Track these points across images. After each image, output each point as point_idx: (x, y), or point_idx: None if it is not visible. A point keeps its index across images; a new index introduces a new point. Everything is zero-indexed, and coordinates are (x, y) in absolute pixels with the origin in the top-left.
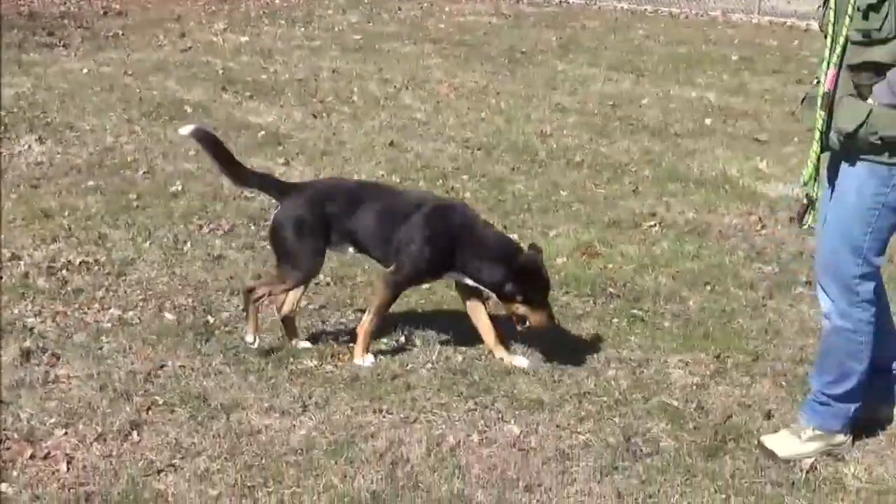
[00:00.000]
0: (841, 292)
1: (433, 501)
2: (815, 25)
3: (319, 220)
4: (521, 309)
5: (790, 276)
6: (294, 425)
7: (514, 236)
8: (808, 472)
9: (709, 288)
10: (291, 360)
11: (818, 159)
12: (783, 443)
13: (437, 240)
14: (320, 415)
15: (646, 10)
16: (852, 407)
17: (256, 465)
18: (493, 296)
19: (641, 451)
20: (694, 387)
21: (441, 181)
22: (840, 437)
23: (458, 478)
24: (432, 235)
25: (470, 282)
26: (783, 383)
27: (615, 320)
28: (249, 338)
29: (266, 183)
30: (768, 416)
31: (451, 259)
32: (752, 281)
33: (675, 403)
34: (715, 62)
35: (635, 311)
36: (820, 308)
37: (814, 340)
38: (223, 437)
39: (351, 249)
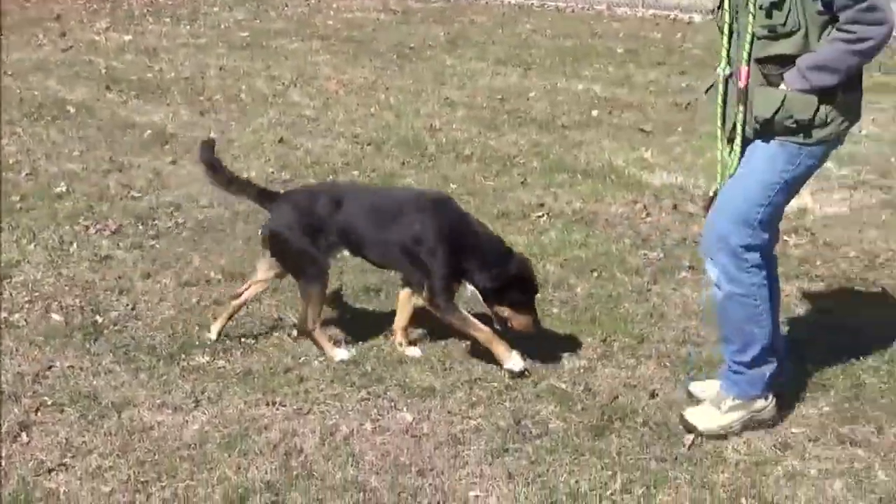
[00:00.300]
0: (729, 259)
1: (327, 489)
2: (697, 18)
3: (313, 223)
4: (506, 312)
5: (674, 261)
6: (187, 420)
7: None
8: (690, 446)
9: (596, 275)
10: (183, 356)
11: (739, 154)
12: (704, 415)
13: (449, 239)
14: (213, 409)
15: (532, 4)
16: (766, 370)
17: (149, 461)
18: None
19: (531, 432)
20: (581, 370)
21: (332, 177)
22: (761, 402)
23: (351, 465)
24: (444, 235)
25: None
26: (667, 364)
27: None
28: (337, 356)
29: (248, 189)
30: (653, 395)
31: (461, 263)
32: (637, 267)
33: (564, 386)
34: (601, 55)
35: None
36: (710, 279)
37: (696, 322)
38: (114, 434)
39: (346, 252)
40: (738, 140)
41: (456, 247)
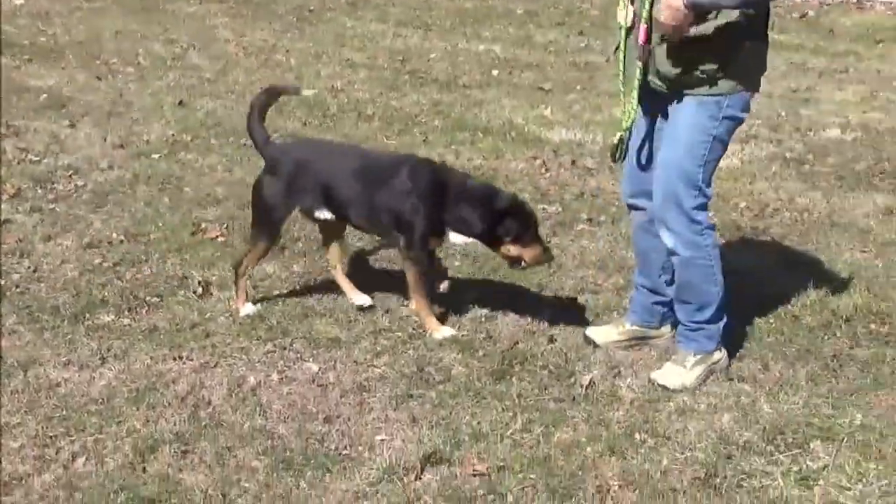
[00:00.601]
0: (684, 225)
1: (236, 437)
2: None
3: (288, 185)
4: (512, 249)
5: (572, 214)
6: (94, 377)
7: None
8: (587, 387)
9: None
10: (87, 316)
11: (636, 106)
12: (672, 375)
13: (427, 199)
14: (120, 365)
15: None
16: (722, 324)
17: (57, 417)
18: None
19: (434, 378)
20: (483, 318)
21: (232, 139)
22: (717, 355)
23: (259, 415)
24: (422, 196)
25: (458, 239)
26: (566, 311)
27: None
28: (243, 311)
29: (258, 138)
30: (552, 340)
31: (441, 216)
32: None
33: (466, 334)
34: (501, 16)
35: None
36: (666, 244)
37: (593, 271)
38: (21, 392)
39: (328, 214)
40: (635, 93)
41: (438, 202)
